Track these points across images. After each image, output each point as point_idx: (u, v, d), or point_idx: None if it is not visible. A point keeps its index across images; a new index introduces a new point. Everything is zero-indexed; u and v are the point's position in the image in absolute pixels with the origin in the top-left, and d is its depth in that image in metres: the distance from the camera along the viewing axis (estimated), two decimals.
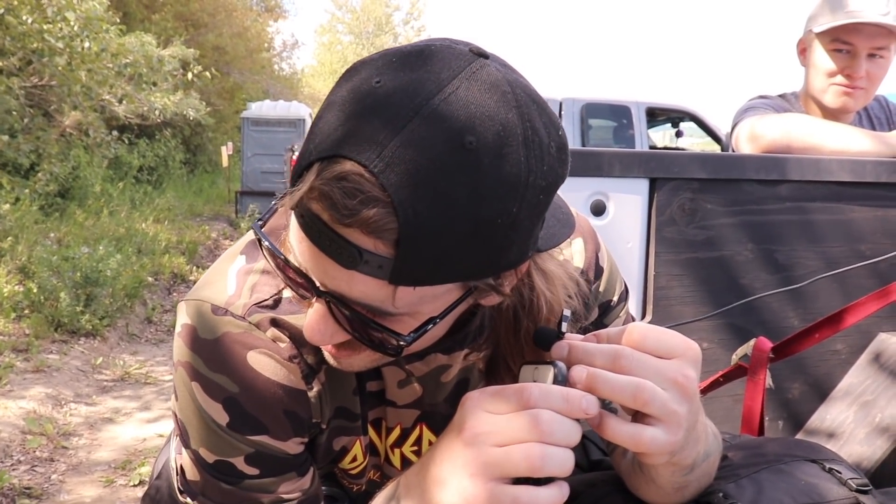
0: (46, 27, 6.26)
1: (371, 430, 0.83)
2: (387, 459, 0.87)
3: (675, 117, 8.61)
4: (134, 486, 2.67)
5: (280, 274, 0.61)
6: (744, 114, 1.81)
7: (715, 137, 8.13)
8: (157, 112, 9.06)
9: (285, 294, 0.72)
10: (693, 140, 12.38)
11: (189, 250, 7.15)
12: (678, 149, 8.10)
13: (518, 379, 0.62)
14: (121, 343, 4.52)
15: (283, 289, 0.72)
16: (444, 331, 0.67)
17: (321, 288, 0.58)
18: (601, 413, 0.59)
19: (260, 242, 0.60)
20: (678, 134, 8.87)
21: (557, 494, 0.55)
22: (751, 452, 0.84)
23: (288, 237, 0.60)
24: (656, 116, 8.48)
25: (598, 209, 1.39)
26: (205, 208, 10.74)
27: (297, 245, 0.57)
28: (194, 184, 12.53)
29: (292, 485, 0.75)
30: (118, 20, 8.10)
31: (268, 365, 0.71)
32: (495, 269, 0.58)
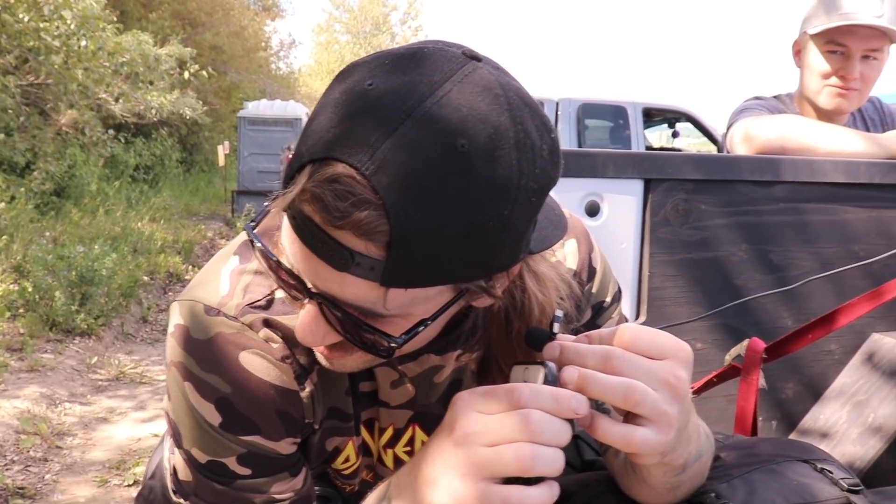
0: (43, 25, 6.25)
1: (364, 431, 0.84)
2: (380, 460, 0.87)
3: (672, 118, 8.61)
4: (128, 486, 2.66)
5: (272, 275, 0.61)
6: (739, 115, 1.81)
7: (711, 138, 8.14)
8: (154, 111, 9.05)
9: (278, 295, 0.72)
10: (689, 140, 12.39)
11: (185, 250, 7.13)
12: (674, 149, 8.11)
13: (509, 379, 0.62)
14: (116, 342, 4.51)
15: (276, 289, 0.72)
16: (436, 332, 0.67)
17: (313, 289, 0.58)
18: (592, 413, 0.59)
19: (252, 244, 0.61)
20: (675, 134, 8.87)
21: (548, 494, 0.56)
22: (743, 453, 0.84)
23: (280, 238, 0.60)
24: (653, 117, 8.48)
25: (593, 210, 1.39)
26: (201, 208, 10.71)
27: (290, 246, 0.57)
28: (191, 183, 12.49)
29: (285, 485, 0.75)
30: (115, 19, 8.09)
31: (260, 365, 0.71)
32: (487, 272, 0.58)
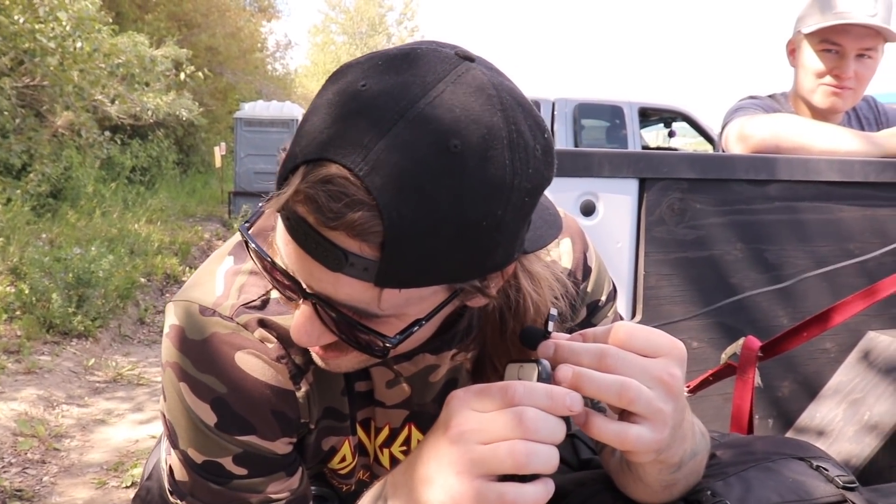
0: (38, 27, 6.25)
1: (360, 431, 0.84)
2: (376, 459, 0.87)
3: (668, 117, 8.62)
4: (126, 488, 2.65)
5: (267, 276, 0.61)
6: (733, 114, 1.82)
7: (707, 137, 8.15)
8: (150, 112, 9.04)
9: (273, 295, 0.72)
10: (686, 140, 12.40)
11: (182, 251, 7.12)
12: (671, 149, 8.13)
13: (503, 377, 0.62)
14: (113, 344, 4.50)
15: (271, 290, 0.72)
16: (431, 332, 0.67)
17: (307, 290, 0.58)
18: (587, 411, 0.60)
19: (247, 244, 0.61)
20: (671, 134, 8.88)
21: (542, 491, 0.56)
22: (739, 451, 0.84)
23: (275, 239, 0.60)
24: (649, 116, 8.48)
25: (588, 209, 1.39)
26: (198, 209, 10.70)
27: (284, 247, 0.58)
28: (187, 184, 12.48)
29: (281, 485, 0.75)
30: (110, 20, 8.09)
31: (256, 365, 0.71)
32: (481, 272, 0.58)
